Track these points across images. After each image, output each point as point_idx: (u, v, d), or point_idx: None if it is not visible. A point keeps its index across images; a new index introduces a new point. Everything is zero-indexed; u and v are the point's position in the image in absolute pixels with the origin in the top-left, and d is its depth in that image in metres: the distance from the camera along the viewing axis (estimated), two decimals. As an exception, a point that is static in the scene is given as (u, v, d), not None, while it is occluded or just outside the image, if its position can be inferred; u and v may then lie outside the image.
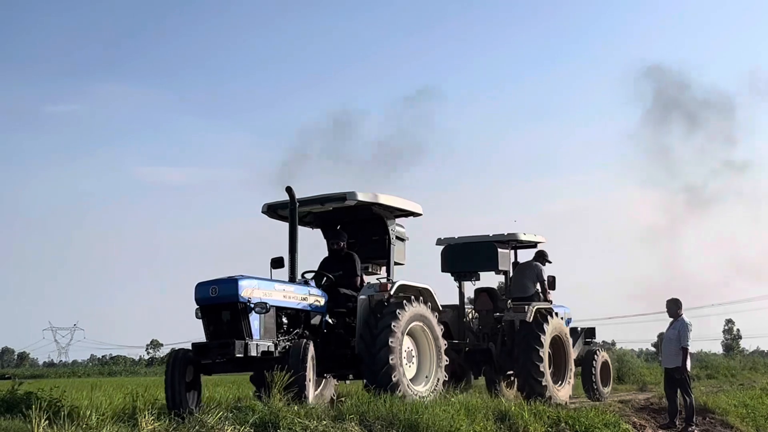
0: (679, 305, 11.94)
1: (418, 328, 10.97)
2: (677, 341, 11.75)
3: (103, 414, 7.78)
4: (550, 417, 10.43)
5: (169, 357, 10.01)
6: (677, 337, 11.72)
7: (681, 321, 11.80)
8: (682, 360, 11.67)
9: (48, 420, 6.93)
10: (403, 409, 8.63)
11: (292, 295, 10.19)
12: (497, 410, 9.97)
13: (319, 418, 8.06)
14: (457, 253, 14.76)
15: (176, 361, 9.66)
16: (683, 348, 11.68)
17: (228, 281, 9.48)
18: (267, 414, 7.83)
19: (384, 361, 10.19)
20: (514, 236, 14.70)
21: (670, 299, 12.04)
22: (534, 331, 13.83)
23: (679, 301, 12.00)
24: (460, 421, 8.86)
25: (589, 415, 10.72)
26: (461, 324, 14.65)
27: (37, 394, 9.64)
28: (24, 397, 9.70)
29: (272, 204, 11.32)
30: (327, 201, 11.06)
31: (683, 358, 11.68)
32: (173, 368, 9.60)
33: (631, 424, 11.65)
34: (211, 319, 9.61)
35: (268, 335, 9.67)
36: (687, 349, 11.72)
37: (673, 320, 11.93)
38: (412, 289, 11.20)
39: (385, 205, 11.32)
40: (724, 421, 13.00)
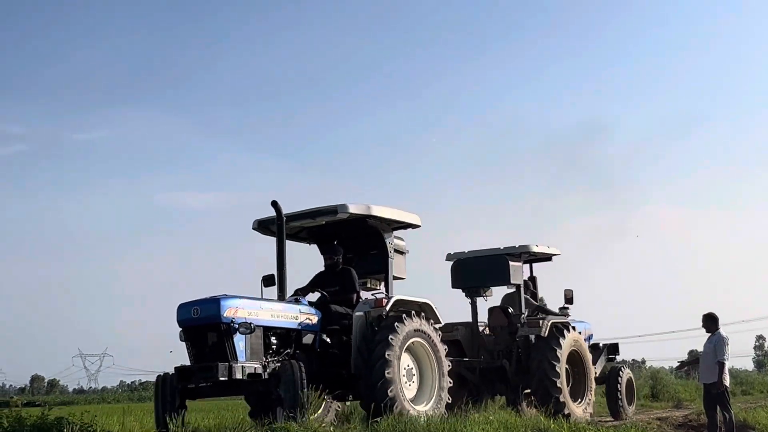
0: (716, 320, 11.59)
1: (418, 345, 10.47)
2: (713, 356, 11.39)
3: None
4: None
5: (157, 382, 9.59)
6: (713, 351, 11.36)
7: (718, 335, 11.43)
8: (718, 374, 11.29)
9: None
10: (443, 427, 8.41)
11: (281, 314, 9.77)
12: (536, 428, 9.72)
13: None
14: (467, 267, 14.28)
15: (165, 386, 9.28)
16: (719, 362, 11.30)
17: (210, 301, 9.13)
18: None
19: (380, 375, 9.71)
20: (526, 249, 14.20)
21: (705, 314, 11.69)
22: (550, 345, 13.38)
23: (716, 315, 11.65)
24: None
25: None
26: (475, 341, 14.15)
27: (68, 419, 9.43)
28: (55, 423, 9.47)
29: (263, 220, 10.90)
30: (318, 215, 10.63)
31: (719, 372, 11.30)
32: (162, 393, 9.23)
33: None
34: (195, 341, 9.28)
35: (254, 357, 9.27)
36: (724, 364, 11.34)
37: (710, 335, 11.58)
38: (412, 304, 10.72)
39: (380, 218, 10.85)
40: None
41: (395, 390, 9.74)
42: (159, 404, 9.21)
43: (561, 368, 13.27)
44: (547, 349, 13.34)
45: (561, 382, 13.18)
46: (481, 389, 13.85)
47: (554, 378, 13.11)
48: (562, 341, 13.46)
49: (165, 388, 9.29)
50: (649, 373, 30.61)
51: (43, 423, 9.54)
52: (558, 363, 13.22)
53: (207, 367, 8.89)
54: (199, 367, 9.03)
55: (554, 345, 13.38)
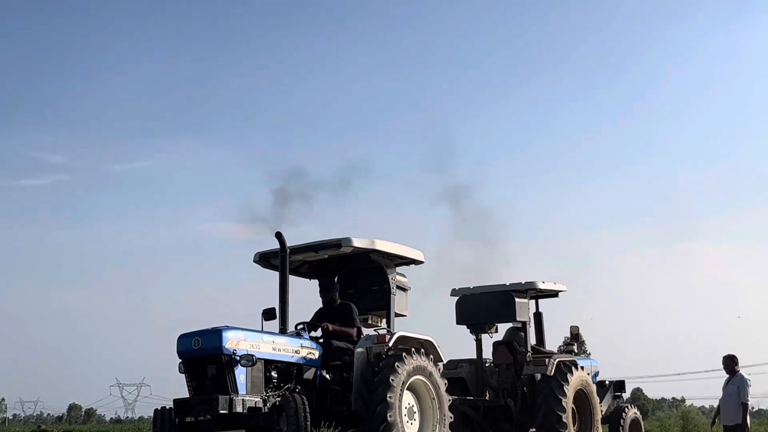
0: (736, 361, 11.63)
1: (419, 383, 10.26)
2: (737, 397, 11.38)
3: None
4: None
5: (155, 416, 9.42)
6: (737, 393, 11.33)
7: (739, 377, 11.44)
8: (742, 417, 11.27)
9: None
10: None
11: (283, 348, 9.62)
12: None
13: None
14: (472, 303, 14.10)
15: (163, 421, 9.13)
16: (743, 404, 11.32)
17: (211, 332, 8.98)
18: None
19: (382, 418, 9.50)
20: (532, 285, 14.02)
21: (726, 355, 11.71)
22: (555, 385, 13.15)
23: (735, 357, 11.67)
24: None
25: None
26: (479, 379, 13.94)
27: None
28: None
29: (264, 253, 10.78)
30: (321, 248, 10.50)
31: (743, 414, 11.29)
32: (161, 427, 9.08)
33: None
34: (194, 373, 9.11)
35: (255, 390, 9.08)
36: (747, 405, 11.36)
37: (731, 376, 11.59)
38: (413, 341, 10.53)
39: (384, 252, 10.72)
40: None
41: (397, 428, 9.55)
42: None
43: (567, 408, 13.04)
44: (553, 388, 13.11)
45: (567, 422, 12.95)
46: (485, 428, 13.63)
47: (560, 418, 12.90)
48: (568, 380, 13.25)
49: (164, 423, 9.15)
50: (680, 413, 30.25)
51: None
52: (564, 402, 13.00)
53: (207, 399, 8.72)
54: (199, 399, 8.87)
55: (560, 384, 13.15)
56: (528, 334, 14.03)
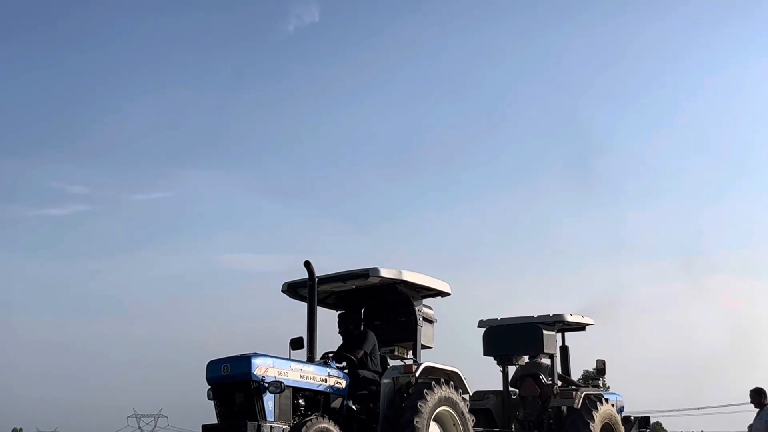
0: (764, 395, 11.51)
1: (445, 414, 10.28)
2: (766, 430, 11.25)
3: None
4: None
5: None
6: (765, 427, 11.22)
7: (767, 410, 11.31)
8: None
9: None
10: None
11: (311, 376, 9.67)
12: None
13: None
14: (499, 335, 14.08)
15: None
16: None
17: (241, 359, 9.06)
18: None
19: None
20: (560, 317, 13.99)
21: (753, 389, 11.63)
22: (582, 418, 13.10)
23: (764, 390, 11.56)
24: None
25: None
26: (505, 411, 13.90)
27: None
28: None
29: (292, 283, 10.85)
30: (349, 278, 10.57)
31: None
32: None
33: None
34: (223, 399, 9.17)
35: (283, 417, 9.13)
36: None
37: (759, 410, 11.49)
38: (440, 372, 10.58)
39: (411, 283, 10.76)
40: None
41: None
42: None
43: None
44: (580, 421, 13.07)
45: None
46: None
47: None
48: (595, 414, 13.19)
49: None
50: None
51: None
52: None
53: (235, 425, 8.76)
54: (228, 425, 8.94)
55: (587, 417, 13.10)
56: (555, 366, 13.99)
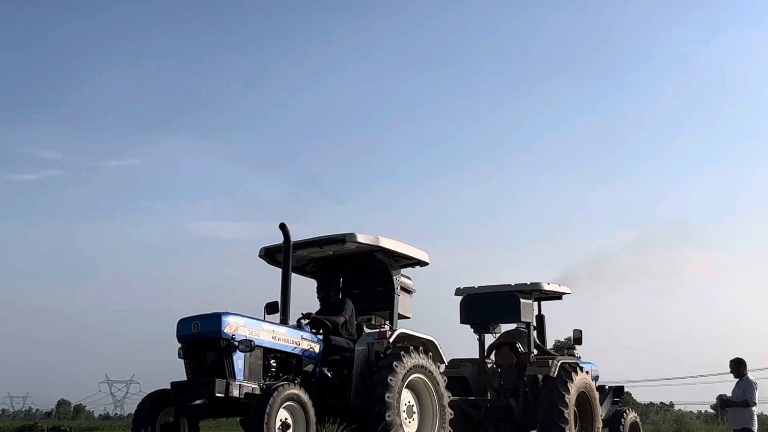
0: (743, 365, 11.55)
1: (419, 381, 10.27)
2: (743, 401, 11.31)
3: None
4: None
5: (143, 399, 9.40)
6: (743, 396, 11.28)
7: (746, 380, 11.38)
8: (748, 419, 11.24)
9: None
10: None
11: (283, 338, 9.60)
12: None
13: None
14: (476, 303, 14.05)
15: (144, 404, 9.13)
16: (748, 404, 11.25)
17: (211, 317, 8.97)
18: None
19: (380, 419, 9.50)
20: (537, 286, 14.00)
21: (733, 359, 11.63)
22: (558, 387, 13.13)
23: (743, 360, 11.59)
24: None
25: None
26: (481, 379, 13.91)
27: None
28: None
29: (269, 248, 10.75)
30: (325, 243, 10.47)
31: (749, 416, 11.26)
32: (141, 409, 9.07)
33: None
34: (193, 357, 9.10)
35: (253, 377, 9.08)
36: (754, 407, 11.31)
37: (738, 380, 11.51)
38: (415, 339, 10.53)
39: (389, 251, 10.66)
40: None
41: (393, 417, 9.54)
42: (137, 423, 8.95)
43: (569, 411, 13.02)
44: (556, 389, 13.09)
45: (569, 425, 12.92)
46: (486, 428, 13.60)
47: (562, 423, 12.86)
48: (570, 383, 13.21)
49: (145, 405, 9.10)
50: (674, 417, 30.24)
51: None
52: (566, 405, 12.98)
53: (204, 383, 8.71)
54: (196, 382, 8.86)
55: (563, 386, 13.13)
56: (532, 335, 13.96)
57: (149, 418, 9.01)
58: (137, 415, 9.05)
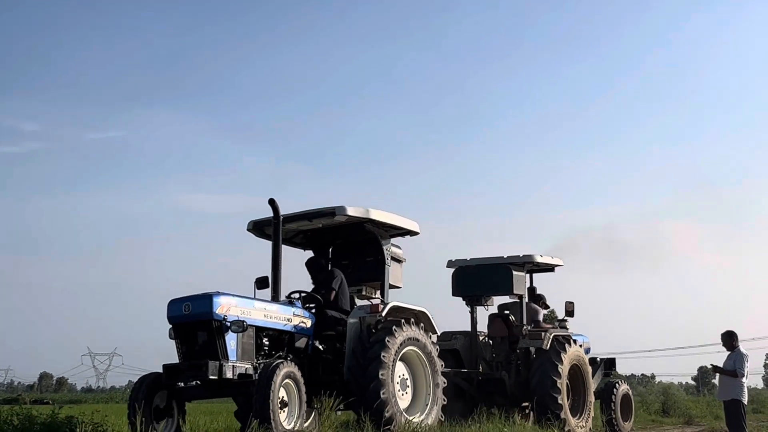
0: (735, 337, 11.50)
1: (412, 354, 10.19)
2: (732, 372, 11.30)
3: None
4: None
5: (136, 382, 9.27)
6: (733, 368, 11.26)
7: (737, 352, 11.36)
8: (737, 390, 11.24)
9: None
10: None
11: (275, 315, 9.46)
12: None
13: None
14: (469, 275, 13.92)
15: (141, 387, 8.95)
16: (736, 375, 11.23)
17: (202, 297, 8.82)
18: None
19: (375, 396, 9.42)
20: (529, 258, 13.84)
21: (724, 332, 11.57)
22: (551, 359, 13.05)
23: (734, 333, 11.55)
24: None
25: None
26: (473, 352, 13.81)
27: (79, 419, 9.25)
28: (65, 422, 9.32)
29: (258, 221, 10.58)
30: (315, 217, 10.32)
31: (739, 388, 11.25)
32: (136, 394, 8.88)
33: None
34: (185, 338, 8.96)
35: (246, 357, 8.95)
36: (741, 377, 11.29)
37: (730, 352, 11.48)
38: (408, 311, 10.41)
39: (378, 222, 10.52)
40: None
41: (387, 394, 9.47)
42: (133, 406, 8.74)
43: (562, 383, 12.94)
44: (549, 362, 13.01)
45: (562, 397, 12.84)
46: (478, 401, 13.50)
47: (555, 393, 12.78)
48: (563, 355, 13.13)
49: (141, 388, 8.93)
50: (660, 389, 30.40)
51: (53, 422, 9.43)
52: (559, 378, 12.90)
53: (196, 365, 8.58)
54: (189, 364, 8.72)
55: (556, 359, 13.05)
56: (524, 307, 13.84)
57: (146, 403, 8.81)
58: (134, 399, 8.87)
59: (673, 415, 23.50)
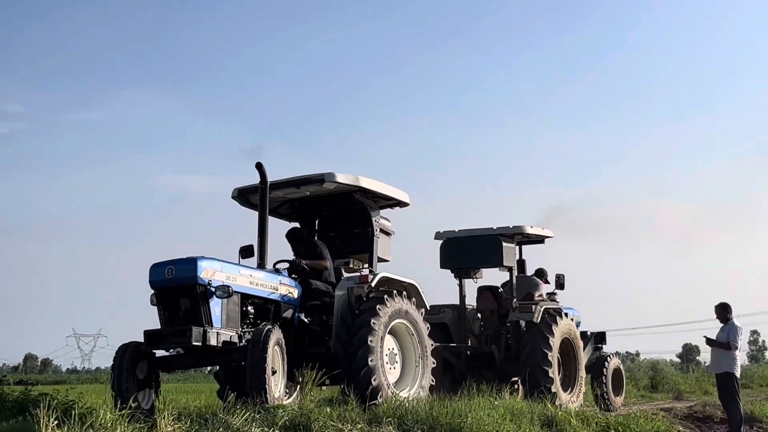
0: (729, 310, 11.35)
1: (401, 327, 9.87)
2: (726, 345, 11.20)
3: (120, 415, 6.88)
4: (598, 423, 10.04)
5: (118, 350, 8.77)
6: (726, 340, 11.14)
7: (731, 324, 11.23)
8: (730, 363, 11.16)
9: (57, 420, 6.31)
10: (445, 412, 8.03)
11: (261, 283, 9.09)
12: (543, 415, 9.62)
13: (353, 421, 7.57)
14: (457, 247, 13.59)
15: (124, 355, 8.52)
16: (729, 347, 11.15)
17: (186, 261, 8.38)
18: (298, 415, 7.35)
19: (363, 363, 9.09)
20: (520, 229, 13.55)
21: (718, 304, 11.43)
22: (542, 332, 12.79)
23: (728, 305, 11.39)
24: (506, 426, 8.39)
25: (639, 422, 10.35)
26: (462, 325, 13.53)
27: (52, 395, 8.96)
28: (37, 399, 9.03)
29: (243, 188, 10.17)
30: (303, 184, 9.90)
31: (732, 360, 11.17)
32: (120, 363, 8.47)
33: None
34: (167, 304, 8.52)
35: (231, 324, 8.55)
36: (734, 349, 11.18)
37: (723, 325, 11.33)
38: (396, 283, 10.09)
39: (368, 191, 10.14)
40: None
41: (378, 376, 9.16)
42: (117, 376, 8.39)
43: (553, 357, 12.70)
44: (540, 336, 12.75)
45: (553, 371, 12.60)
46: (466, 375, 13.22)
47: (546, 367, 12.53)
48: (555, 328, 12.87)
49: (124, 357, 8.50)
50: (648, 365, 30.45)
51: (25, 399, 9.21)
52: (550, 351, 12.65)
53: (180, 331, 8.17)
54: (172, 331, 8.31)
55: (547, 332, 12.79)
56: (513, 280, 13.56)
57: (130, 372, 8.46)
58: (117, 369, 8.49)
59: (661, 390, 23.41)
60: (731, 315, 11.31)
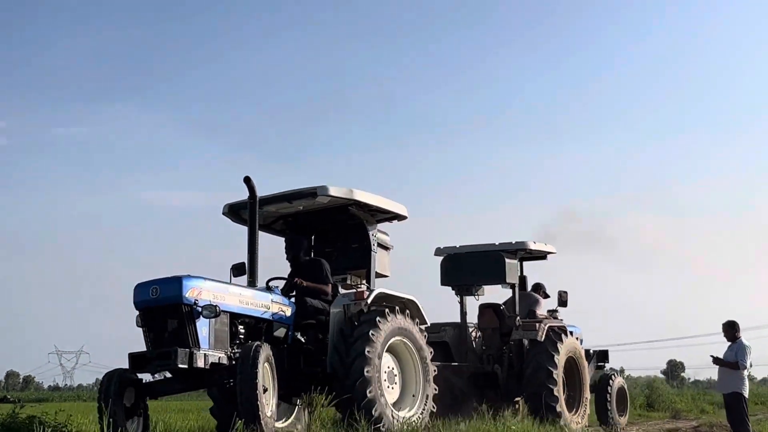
0: (737, 328, 11.01)
1: (400, 344, 9.51)
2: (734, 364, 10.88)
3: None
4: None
5: (104, 378, 8.40)
6: (734, 359, 10.83)
7: (739, 343, 10.91)
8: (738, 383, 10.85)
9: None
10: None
11: (251, 302, 8.71)
12: None
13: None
14: (458, 264, 13.21)
15: (110, 383, 8.12)
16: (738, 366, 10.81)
17: (171, 280, 8.04)
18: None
19: (359, 374, 8.74)
20: (522, 245, 13.16)
21: (726, 322, 11.08)
22: (547, 350, 12.37)
23: (736, 323, 11.04)
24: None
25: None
26: (463, 344, 13.10)
27: (41, 419, 8.58)
28: (26, 422, 8.63)
29: (234, 204, 9.83)
30: (295, 198, 9.58)
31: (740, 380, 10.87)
32: (107, 390, 8.05)
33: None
34: (152, 325, 8.14)
35: (219, 345, 8.19)
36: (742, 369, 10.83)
37: (731, 343, 10.98)
38: (395, 300, 9.72)
39: (364, 204, 9.79)
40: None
41: (374, 392, 8.78)
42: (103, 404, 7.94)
43: (558, 375, 12.30)
44: (544, 353, 12.34)
45: (558, 390, 12.18)
46: (468, 396, 12.75)
47: (551, 386, 12.11)
48: (560, 346, 12.46)
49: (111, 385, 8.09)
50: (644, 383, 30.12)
51: (13, 422, 8.76)
52: (556, 369, 12.24)
53: (165, 353, 7.81)
54: (157, 353, 7.94)
55: (552, 350, 12.37)
56: (516, 297, 13.13)
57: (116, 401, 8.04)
58: (104, 395, 8.09)
59: (658, 409, 22.93)
60: (739, 333, 10.96)
